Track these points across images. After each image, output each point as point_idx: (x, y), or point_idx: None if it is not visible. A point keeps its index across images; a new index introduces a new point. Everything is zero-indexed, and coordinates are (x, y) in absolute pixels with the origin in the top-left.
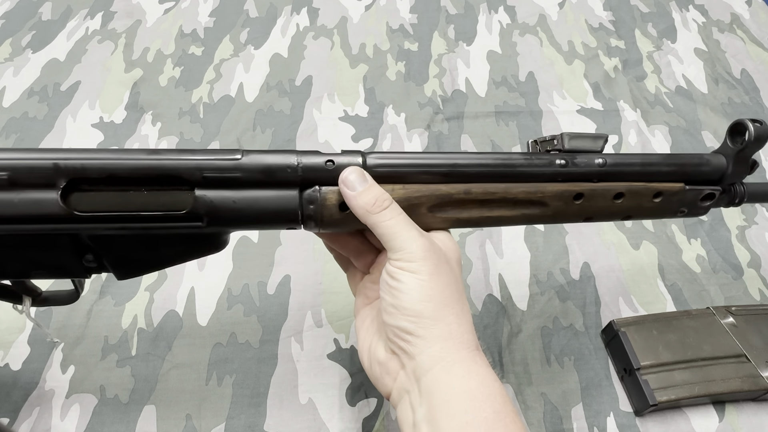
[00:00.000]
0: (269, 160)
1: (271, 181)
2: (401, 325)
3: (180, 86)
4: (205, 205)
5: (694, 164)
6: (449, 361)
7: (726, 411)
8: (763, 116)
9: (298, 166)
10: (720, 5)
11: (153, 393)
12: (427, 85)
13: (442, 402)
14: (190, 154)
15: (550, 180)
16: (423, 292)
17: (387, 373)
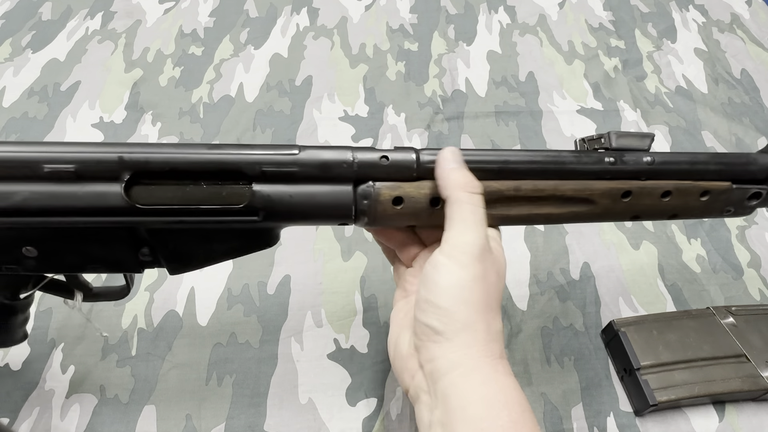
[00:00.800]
0: (326, 155)
1: (327, 177)
2: (430, 323)
3: (180, 86)
4: (263, 199)
5: (741, 163)
6: (468, 367)
7: (726, 411)
8: (763, 116)
9: (353, 162)
10: (720, 5)
11: (153, 393)
12: (427, 85)
13: (458, 407)
14: (249, 149)
15: (598, 177)
16: (461, 294)
17: (406, 369)
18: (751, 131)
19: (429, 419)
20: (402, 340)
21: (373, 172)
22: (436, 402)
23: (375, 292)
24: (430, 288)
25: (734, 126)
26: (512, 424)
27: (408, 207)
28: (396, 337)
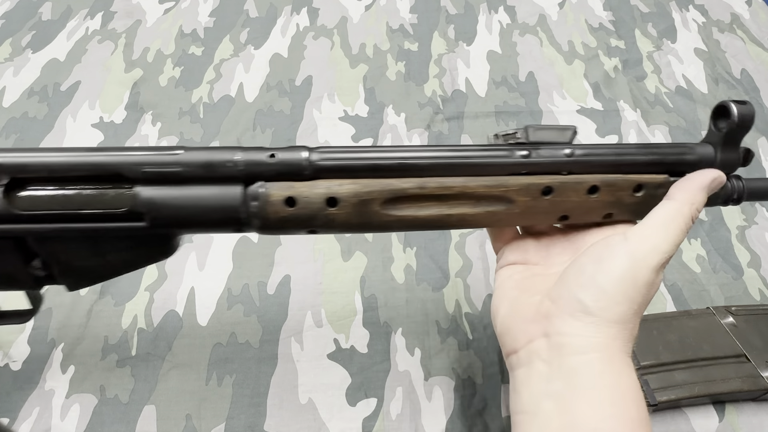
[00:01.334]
0: (211, 155)
1: (214, 177)
2: (586, 301)
3: (180, 86)
4: (146, 202)
5: (676, 153)
6: (608, 355)
7: (726, 411)
8: (763, 116)
9: (239, 161)
10: (720, 5)
11: (153, 393)
12: (427, 85)
13: (588, 387)
14: (130, 151)
15: (513, 173)
16: (630, 291)
17: (524, 332)
18: (751, 131)
19: (542, 389)
20: (524, 302)
21: (262, 170)
22: (558, 374)
23: (375, 292)
24: (604, 270)
25: None
26: (639, 420)
27: (302, 208)
28: (511, 296)
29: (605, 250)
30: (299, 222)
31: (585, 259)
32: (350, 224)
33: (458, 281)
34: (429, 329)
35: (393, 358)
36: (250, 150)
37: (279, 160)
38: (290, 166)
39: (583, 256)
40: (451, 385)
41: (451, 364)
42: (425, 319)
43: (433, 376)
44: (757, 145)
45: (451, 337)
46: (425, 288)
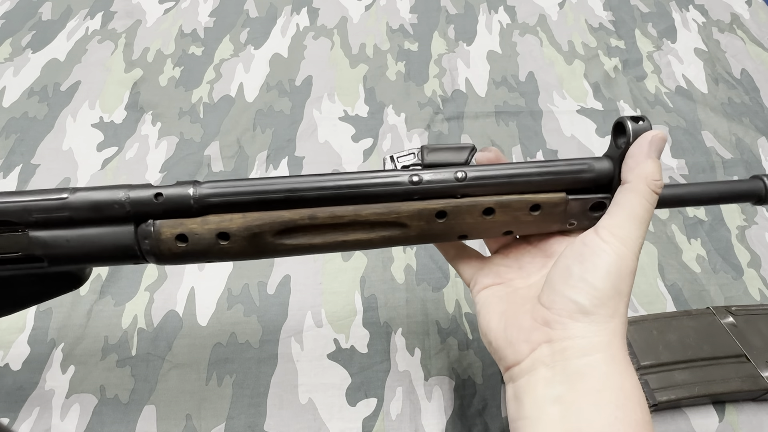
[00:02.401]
0: (97, 196)
1: (102, 218)
2: (581, 301)
3: (180, 86)
4: (40, 245)
5: (573, 171)
6: (609, 356)
7: (726, 411)
8: (763, 116)
9: (125, 201)
10: (720, 5)
11: (153, 393)
12: (427, 85)
13: (593, 390)
14: (17, 196)
15: (405, 199)
16: (617, 282)
17: (526, 341)
18: (751, 131)
19: (546, 394)
20: (517, 313)
21: (150, 210)
22: (561, 378)
23: (375, 292)
24: (586, 268)
25: (734, 126)
26: (644, 423)
27: (195, 244)
28: (502, 312)
29: (585, 248)
30: (194, 255)
31: (567, 261)
32: (245, 254)
33: (458, 281)
34: (429, 329)
35: (393, 358)
36: (136, 188)
37: (165, 200)
38: (177, 203)
39: (564, 258)
40: (451, 385)
41: (451, 364)
42: (425, 319)
43: (433, 376)
44: (758, 145)
45: (451, 337)
46: (425, 288)
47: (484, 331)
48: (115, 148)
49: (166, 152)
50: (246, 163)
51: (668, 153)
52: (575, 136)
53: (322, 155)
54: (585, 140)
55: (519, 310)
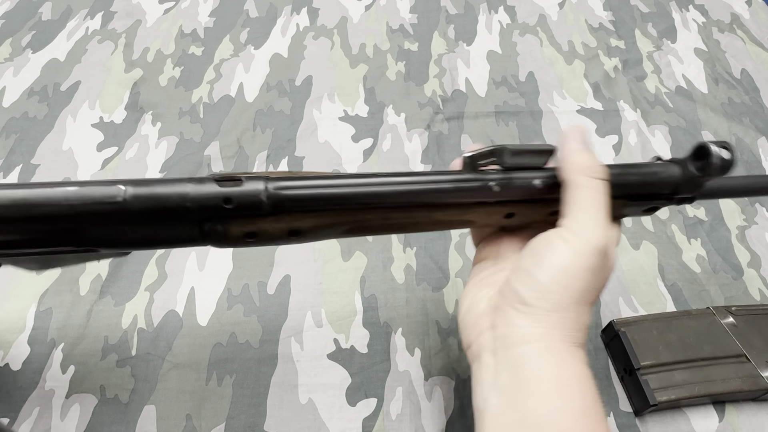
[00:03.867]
0: (158, 203)
1: (164, 220)
2: (522, 293)
3: (180, 86)
4: (94, 241)
5: (647, 183)
6: (546, 345)
7: (726, 411)
8: (763, 116)
9: (191, 207)
10: (720, 5)
11: (153, 393)
12: (427, 85)
13: (529, 380)
14: (70, 196)
15: (481, 203)
16: (564, 279)
17: (475, 326)
18: (751, 131)
19: (491, 382)
20: (480, 297)
21: (216, 214)
22: (503, 367)
23: (375, 292)
24: (536, 261)
25: (734, 126)
26: (584, 410)
27: (262, 239)
28: (473, 292)
29: (542, 243)
30: (259, 243)
31: (525, 253)
32: (311, 241)
33: (458, 281)
34: (429, 329)
35: (393, 358)
36: (201, 184)
37: (235, 205)
38: (248, 204)
39: (524, 250)
40: (451, 385)
41: (451, 364)
42: (425, 319)
43: (433, 376)
44: (758, 146)
45: (451, 337)
46: (425, 288)
47: (458, 312)
48: (115, 148)
49: (166, 152)
50: (246, 163)
51: (668, 153)
52: None
53: (322, 155)
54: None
55: (483, 294)
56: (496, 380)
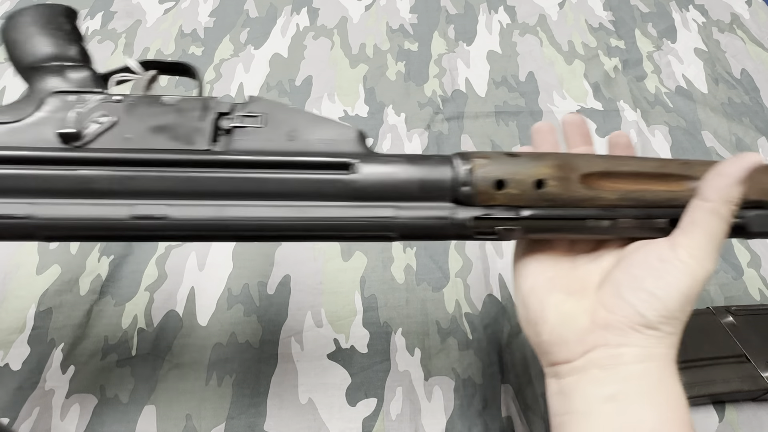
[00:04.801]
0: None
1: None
2: (648, 315)
3: (180, 86)
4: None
5: None
6: (665, 363)
7: (726, 411)
8: (763, 116)
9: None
10: (720, 5)
11: (153, 393)
12: (427, 85)
13: (646, 392)
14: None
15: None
16: (685, 302)
17: (582, 343)
18: (751, 131)
19: (598, 392)
20: (574, 310)
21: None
22: (615, 379)
23: (375, 292)
24: (661, 285)
25: (734, 126)
26: (691, 426)
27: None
28: (549, 296)
29: (660, 264)
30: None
31: (639, 272)
32: None
33: (458, 281)
34: (429, 329)
35: (393, 358)
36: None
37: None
38: None
39: (634, 268)
40: (451, 385)
41: (451, 364)
42: (425, 319)
43: (433, 376)
44: (758, 145)
45: (451, 337)
46: (425, 288)
47: (537, 321)
48: None
49: None
50: None
51: (668, 153)
52: None
53: None
54: None
55: (578, 307)
56: (604, 391)
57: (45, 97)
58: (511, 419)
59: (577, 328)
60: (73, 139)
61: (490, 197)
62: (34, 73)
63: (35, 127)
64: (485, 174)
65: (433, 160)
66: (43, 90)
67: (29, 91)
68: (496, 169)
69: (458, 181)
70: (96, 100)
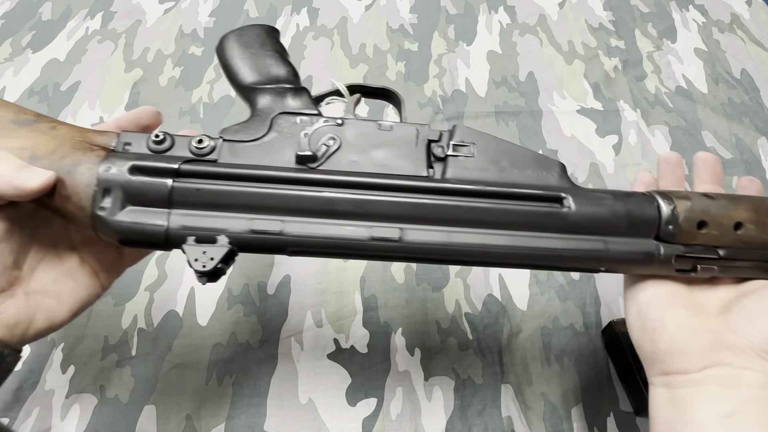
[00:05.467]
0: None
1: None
2: None
3: (180, 86)
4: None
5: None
6: None
7: None
8: (763, 116)
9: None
10: (720, 5)
11: (153, 393)
12: (427, 85)
13: (764, 418)
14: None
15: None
16: None
17: (703, 357)
18: (751, 131)
19: (715, 408)
20: (699, 326)
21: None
22: (734, 399)
23: (375, 292)
24: None
25: (734, 126)
26: None
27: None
28: (680, 318)
29: None
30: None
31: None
32: None
33: (458, 281)
34: (429, 329)
35: (393, 358)
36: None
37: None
38: None
39: (758, 298)
40: (451, 385)
41: (451, 364)
42: (425, 319)
43: (433, 376)
44: (758, 145)
45: (451, 337)
46: (425, 288)
47: (654, 329)
48: None
49: None
50: None
51: None
52: (575, 136)
53: None
54: (585, 140)
55: (703, 324)
56: (723, 408)
57: (272, 117)
58: (511, 419)
59: (700, 343)
60: (310, 161)
61: (692, 236)
62: (255, 92)
63: (272, 147)
64: (689, 214)
65: (636, 197)
66: (268, 110)
67: (252, 110)
68: (698, 210)
69: (663, 219)
70: (320, 123)
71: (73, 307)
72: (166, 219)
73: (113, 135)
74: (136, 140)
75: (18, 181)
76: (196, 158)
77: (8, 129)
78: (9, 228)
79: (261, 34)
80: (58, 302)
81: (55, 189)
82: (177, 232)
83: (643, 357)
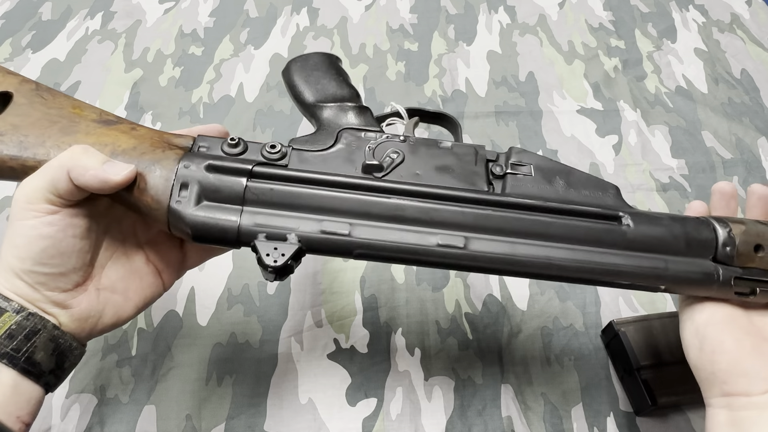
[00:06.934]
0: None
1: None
2: None
3: (180, 86)
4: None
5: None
6: None
7: None
8: (763, 116)
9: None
10: (720, 5)
11: (153, 393)
12: (427, 85)
13: None
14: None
15: None
16: None
17: (765, 380)
18: (751, 131)
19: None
20: (761, 347)
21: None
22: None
23: (375, 292)
24: None
25: (734, 126)
26: None
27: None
28: (739, 339)
29: None
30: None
31: None
32: None
33: (458, 281)
34: (429, 329)
35: (393, 358)
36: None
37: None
38: None
39: None
40: (451, 385)
41: (451, 364)
42: (425, 319)
43: (433, 376)
44: (758, 145)
45: (451, 337)
46: (425, 288)
47: (714, 350)
48: None
49: None
50: None
51: (668, 153)
52: (575, 136)
53: None
54: (585, 140)
55: (764, 346)
56: (756, 428)
57: (339, 131)
58: (511, 419)
59: (763, 365)
60: (376, 170)
61: (749, 259)
62: (320, 109)
63: (338, 157)
64: (745, 237)
65: (692, 220)
66: (334, 125)
67: (318, 125)
68: (753, 233)
69: (720, 241)
70: (383, 138)
71: (138, 305)
72: (238, 215)
73: (190, 138)
74: (212, 143)
75: (103, 174)
76: (268, 162)
77: (92, 128)
78: (88, 225)
79: (325, 60)
80: (125, 299)
81: (134, 183)
82: (249, 229)
83: (701, 378)
